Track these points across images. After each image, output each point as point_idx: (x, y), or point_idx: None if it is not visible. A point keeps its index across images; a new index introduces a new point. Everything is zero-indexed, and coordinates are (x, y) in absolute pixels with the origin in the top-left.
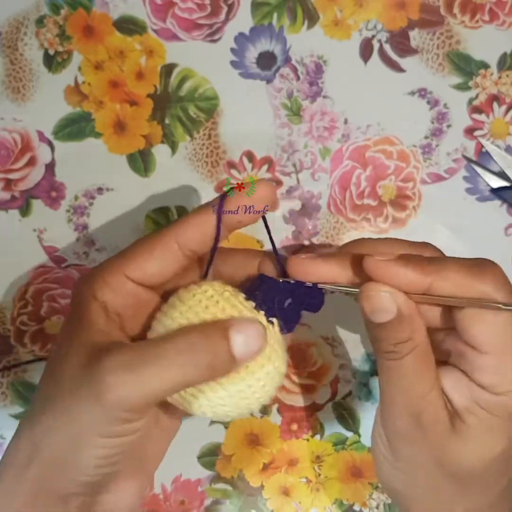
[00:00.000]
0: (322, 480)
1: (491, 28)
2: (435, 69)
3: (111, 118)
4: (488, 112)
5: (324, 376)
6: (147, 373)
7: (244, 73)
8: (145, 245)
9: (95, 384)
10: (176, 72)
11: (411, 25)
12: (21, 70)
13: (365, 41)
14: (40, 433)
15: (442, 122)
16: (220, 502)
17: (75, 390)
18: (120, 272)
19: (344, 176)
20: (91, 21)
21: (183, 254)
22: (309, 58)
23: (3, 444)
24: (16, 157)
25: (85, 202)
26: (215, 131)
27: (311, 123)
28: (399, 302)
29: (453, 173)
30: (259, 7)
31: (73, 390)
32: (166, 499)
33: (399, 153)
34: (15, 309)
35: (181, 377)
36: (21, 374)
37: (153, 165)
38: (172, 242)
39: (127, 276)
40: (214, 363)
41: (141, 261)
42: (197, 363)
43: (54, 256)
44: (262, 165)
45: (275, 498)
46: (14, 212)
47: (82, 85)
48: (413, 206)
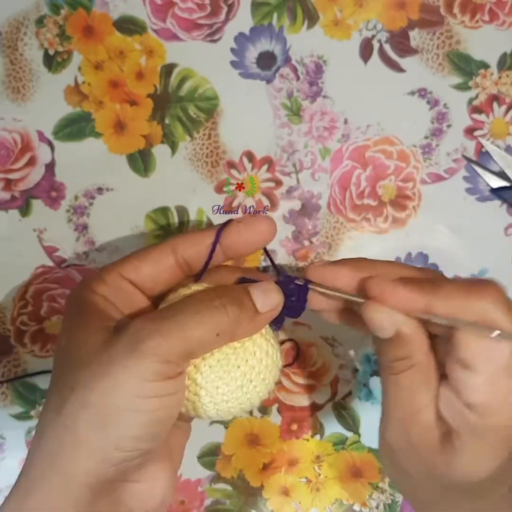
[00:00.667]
0: (322, 480)
1: (491, 28)
2: (435, 69)
3: (111, 118)
4: (488, 112)
5: (324, 376)
6: (179, 321)
7: (244, 73)
8: (143, 250)
9: (129, 340)
10: (176, 72)
11: (411, 25)
12: (21, 70)
13: (365, 41)
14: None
15: (442, 122)
16: (220, 502)
17: (108, 355)
18: (115, 270)
19: (344, 176)
20: (91, 21)
21: (177, 262)
22: (309, 58)
23: (3, 444)
24: (16, 157)
25: (85, 202)
26: (215, 131)
27: (311, 123)
28: (398, 322)
29: (453, 173)
30: (259, 7)
31: (105, 356)
32: None
33: (399, 153)
34: (15, 309)
35: (212, 322)
36: (21, 374)
37: (153, 165)
38: (168, 249)
39: (122, 275)
40: (240, 310)
41: (136, 262)
42: (225, 308)
43: (54, 256)
44: (262, 165)
45: (275, 498)
46: (14, 212)
47: (82, 85)
48: (413, 206)
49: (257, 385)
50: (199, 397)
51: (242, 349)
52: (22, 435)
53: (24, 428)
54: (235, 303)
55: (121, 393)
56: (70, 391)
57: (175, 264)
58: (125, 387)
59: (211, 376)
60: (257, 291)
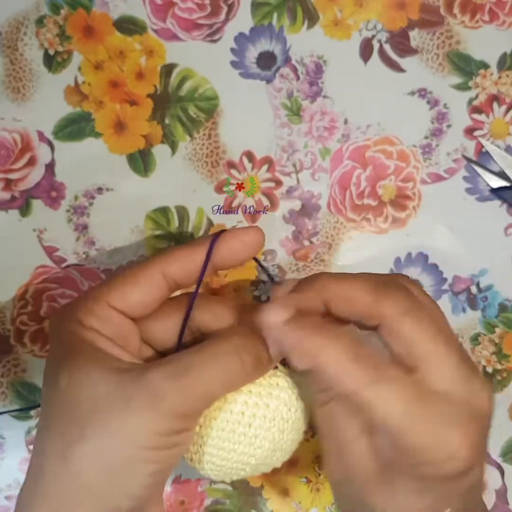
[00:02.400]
0: (322, 480)
1: (491, 28)
2: (435, 69)
3: (111, 118)
4: (488, 112)
5: None
6: (198, 375)
7: (244, 73)
8: (129, 274)
9: (148, 395)
10: (176, 72)
11: (411, 25)
12: (21, 70)
13: (365, 41)
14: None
15: (442, 122)
16: (220, 502)
17: (123, 406)
18: (102, 299)
19: (344, 176)
20: (91, 21)
21: (167, 285)
22: (309, 58)
23: (2, 444)
24: (16, 157)
25: (85, 202)
26: (215, 131)
27: (311, 123)
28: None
29: (453, 173)
30: (259, 7)
31: (120, 406)
32: (166, 499)
33: (399, 153)
34: (15, 309)
35: (229, 376)
36: (21, 374)
37: (153, 165)
38: (157, 272)
39: (109, 305)
40: (257, 363)
41: (124, 289)
42: (243, 362)
43: (54, 256)
44: (262, 165)
45: (275, 498)
46: (14, 212)
47: (82, 85)
48: (413, 206)
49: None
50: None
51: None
52: (22, 435)
53: (23, 428)
54: (254, 356)
55: (134, 444)
56: (79, 437)
57: (166, 288)
58: (139, 439)
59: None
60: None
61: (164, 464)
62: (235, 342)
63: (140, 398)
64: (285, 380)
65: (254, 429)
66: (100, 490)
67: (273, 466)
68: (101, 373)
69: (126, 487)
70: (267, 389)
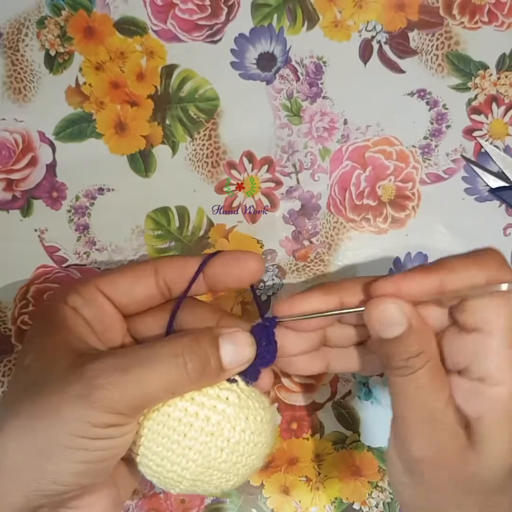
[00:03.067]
0: (322, 479)
1: (490, 29)
2: (434, 70)
3: (112, 119)
4: (487, 112)
5: (324, 376)
6: (137, 375)
7: (244, 74)
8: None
9: (84, 385)
10: (177, 73)
11: (411, 26)
12: (22, 71)
13: (364, 42)
14: (9, 435)
15: (441, 122)
16: (220, 501)
17: (61, 391)
18: (92, 283)
19: (343, 176)
20: (92, 22)
21: (157, 283)
22: (309, 59)
23: None
24: (18, 157)
25: (86, 202)
26: (216, 132)
27: (311, 123)
28: (408, 314)
29: (452, 174)
30: (259, 8)
31: (58, 391)
32: (167, 498)
33: (398, 153)
34: (16, 309)
35: (170, 380)
36: None
37: (154, 165)
38: (150, 268)
39: (98, 288)
40: (203, 369)
41: (114, 276)
42: (187, 367)
43: (55, 256)
44: (262, 166)
45: (275, 497)
46: (15, 212)
47: (83, 86)
48: (413, 206)
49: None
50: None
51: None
52: None
53: None
54: (199, 362)
55: (65, 431)
56: (15, 414)
57: (155, 285)
58: (70, 427)
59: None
60: (228, 344)
61: (97, 453)
62: (183, 344)
63: (76, 386)
64: (238, 396)
65: (188, 440)
66: (27, 472)
67: (219, 488)
68: (60, 355)
69: (54, 472)
70: (212, 401)
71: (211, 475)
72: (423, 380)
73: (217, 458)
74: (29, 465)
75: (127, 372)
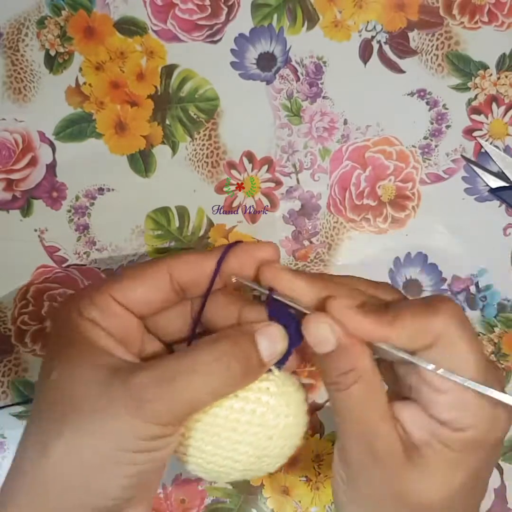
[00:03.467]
0: (322, 479)
1: (490, 29)
2: (434, 70)
3: (112, 119)
4: (487, 112)
5: None
6: (183, 385)
7: (244, 74)
8: (136, 270)
9: (132, 399)
10: (177, 73)
11: (411, 26)
12: (22, 71)
13: (364, 42)
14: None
15: (441, 122)
16: (220, 501)
17: (105, 407)
18: (105, 292)
19: (343, 176)
20: (92, 22)
21: (172, 287)
22: (309, 59)
23: (3, 443)
24: (17, 157)
25: (86, 202)
26: (216, 132)
27: (311, 123)
28: (338, 333)
29: (452, 174)
30: (259, 8)
31: (101, 407)
32: (167, 498)
33: (398, 153)
34: (16, 309)
35: (216, 385)
36: (22, 374)
37: (154, 165)
38: (164, 271)
39: (113, 297)
40: (247, 369)
41: (128, 284)
42: (230, 370)
43: (55, 256)
44: (262, 166)
45: (275, 497)
46: (15, 212)
47: (83, 86)
48: (413, 206)
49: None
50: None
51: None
52: None
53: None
54: (242, 363)
55: (113, 446)
56: (58, 433)
57: (170, 289)
58: (118, 441)
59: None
60: (265, 340)
61: (144, 466)
62: (223, 348)
63: (123, 402)
64: (276, 385)
65: (238, 435)
66: (77, 488)
67: (266, 472)
68: (90, 370)
69: (104, 487)
70: (256, 394)
71: (261, 462)
72: (356, 395)
73: (267, 446)
74: (78, 484)
75: (173, 383)
